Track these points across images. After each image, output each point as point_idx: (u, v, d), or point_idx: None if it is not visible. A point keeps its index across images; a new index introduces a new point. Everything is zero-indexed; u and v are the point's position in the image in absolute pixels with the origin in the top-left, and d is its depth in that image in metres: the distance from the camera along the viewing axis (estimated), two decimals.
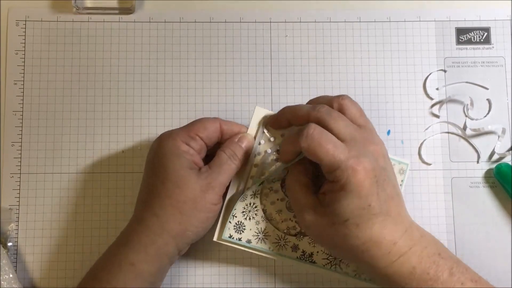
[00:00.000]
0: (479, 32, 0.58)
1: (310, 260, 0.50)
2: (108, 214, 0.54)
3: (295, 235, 0.50)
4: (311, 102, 0.49)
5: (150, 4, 0.57)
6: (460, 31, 0.58)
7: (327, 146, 0.42)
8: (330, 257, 0.50)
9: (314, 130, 0.43)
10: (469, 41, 0.58)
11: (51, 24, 0.56)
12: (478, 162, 0.55)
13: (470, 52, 0.57)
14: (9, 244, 0.52)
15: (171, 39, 0.57)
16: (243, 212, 0.50)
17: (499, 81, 0.57)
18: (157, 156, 0.47)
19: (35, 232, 0.53)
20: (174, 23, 0.57)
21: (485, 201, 0.55)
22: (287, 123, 0.48)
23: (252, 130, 0.50)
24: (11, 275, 0.50)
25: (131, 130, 0.55)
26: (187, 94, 0.56)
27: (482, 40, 0.58)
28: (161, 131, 0.55)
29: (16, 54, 0.56)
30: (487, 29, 0.58)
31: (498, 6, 0.58)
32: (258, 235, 0.50)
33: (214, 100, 0.56)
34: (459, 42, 0.58)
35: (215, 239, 0.49)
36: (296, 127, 0.47)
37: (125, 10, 0.57)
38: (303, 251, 0.50)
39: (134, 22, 0.57)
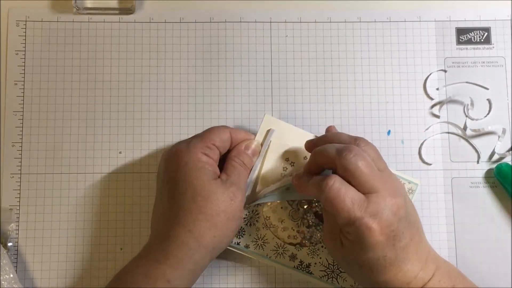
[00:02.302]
0: (479, 32, 0.58)
1: (307, 270, 0.50)
2: (108, 214, 0.54)
3: (295, 245, 0.50)
4: (326, 137, 0.48)
5: (150, 4, 0.57)
6: (460, 31, 0.58)
7: (345, 201, 0.42)
8: (328, 270, 0.50)
9: (334, 183, 0.42)
10: (469, 41, 0.58)
11: (51, 24, 0.56)
12: (478, 162, 0.55)
13: (471, 52, 0.57)
14: (9, 244, 0.52)
15: (171, 39, 0.57)
16: (244, 218, 0.50)
17: (500, 81, 0.57)
18: (179, 170, 0.46)
19: (35, 232, 0.53)
20: (174, 23, 0.57)
21: (486, 201, 0.55)
22: (318, 166, 0.46)
23: (260, 137, 0.50)
24: (11, 275, 0.50)
25: (131, 130, 0.55)
26: (187, 94, 0.56)
27: (482, 40, 0.58)
28: (161, 131, 0.55)
29: (16, 54, 0.56)
30: (487, 29, 0.58)
31: (498, 6, 0.58)
32: (257, 241, 0.50)
33: (214, 100, 0.56)
34: (459, 42, 0.58)
35: None
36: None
37: (125, 10, 0.57)
38: (300, 261, 0.50)
39: (134, 22, 0.57)
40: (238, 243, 0.49)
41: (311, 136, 0.50)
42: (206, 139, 0.47)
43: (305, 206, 0.51)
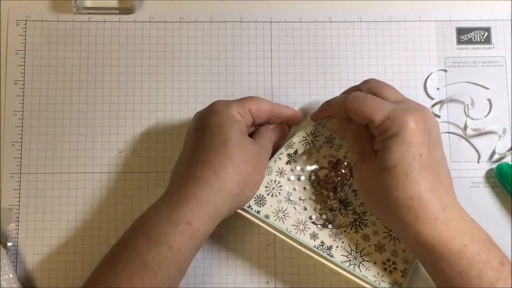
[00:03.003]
0: (479, 32, 0.58)
1: (328, 253, 0.47)
2: (108, 214, 0.54)
3: (317, 224, 0.49)
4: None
5: (150, 4, 0.57)
6: (461, 31, 0.58)
7: (374, 102, 0.43)
8: (350, 256, 0.48)
9: (359, 93, 0.44)
10: (470, 41, 0.58)
11: (51, 24, 0.56)
12: (478, 162, 0.55)
13: (471, 52, 0.57)
14: (9, 244, 0.52)
15: (171, 39, 0.57)
16: (266, 187, 0.49)
17: (500, 81, 0.57)
18: (213, 118, 0.47)
19: (35, 232, 0.53)
20: (174, 23, 0.57)
21: (486, 201, 0.54)
22: (328, 113, 0.49)
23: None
24: (11, 275, 0.50)
25: (131, 130, 0.55)
26: (187, 94, 0.56)
27: (482, 40, 0.58)
28: (161, 130, 0.55)
29: (16, 54, 0.56)
30: (487, 29, 0.58)
31: (498, 6, 0.58)
32: (278, 214, 0.48)
33: (215, 100, 0.56)
34: (459, 42, 0.57)
35: None
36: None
37: (125, 10, 0.57)
38: (322, 242, 0.48)
39: (134, 22, 0.57)
40: (258, 212, 0.48)
41: None
42: (244, 103, 0.48)
43: (330, 192, 0.51)
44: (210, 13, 0.57)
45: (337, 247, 0.48)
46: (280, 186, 0.49)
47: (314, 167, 0.51)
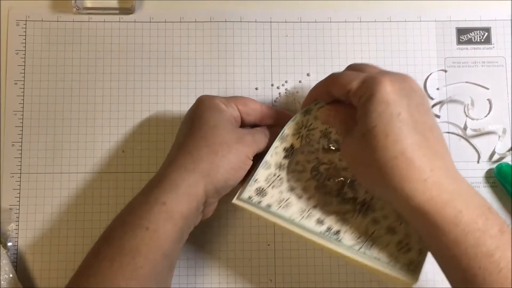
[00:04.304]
0: (479, 32, 0.58)
1: (336, 238, 0.44)
2: (108, 214, 0.54)
3: (322, 210, 0.46)
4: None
5: (150, 4, 0.57)
6: (461, 31, 0.58)
7: (351, 73, 0.43)
8: (360, 239, 0.44)
9: (335, 72, 0.45)
10: (470, 41, 0.58)
11: (51, 24, 0.56)
12: (478, 162, 0.55)
13: (471, 52, 0.57)
14: (9, 244, 0.52)
15: (171, 39, 0.57)
16: (266, 180, 0.47)
17: (500, 81, 0.57)
18: (197, 110, 0.48)
19: (35, 232, 0.53)
20: (174, 23, 0.57)
21: None
22: (313, 97, 0.49)
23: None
24: (11, 275, 0.50)
25: (131, 130, 0.55)
26: (187, 94, 0.56)
27: (482, 40, 0.58)
28: (161, 130, 0.55)
29: (17, 54, 0.56)
30: (487, 29, 0.58)
31: (498, 6, 0.58)
32: (280, 203, 0.46)
33: None
34: (459, 42, 0.58)
35: (234, 200, 0.47)
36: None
37: (125, 10, 0.57)
38: (328, 227, 0.44)
39: (134, 22, 0.57)
40: (259, 202, 0.46)
41: None
42: (230, 99, 0.49)
43: (333, 184, 0.48)
44: (210, 13, 0.57)
45: (346, 231, 0.44)
46: (281, 179, 0.48)
47: (315, 162, 0.50)
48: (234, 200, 0.47)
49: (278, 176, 0.48)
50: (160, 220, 0.43)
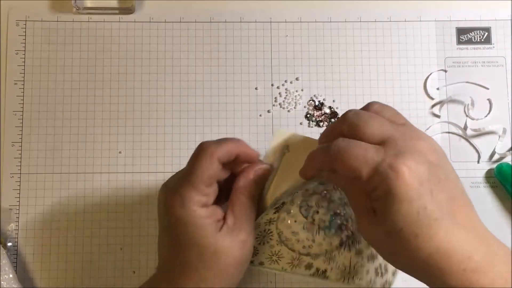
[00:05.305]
0: (479, 32, 0.58)
1: (323, 276, 0.47)
2: (108, 214, 0.54)
3: (310, 255, 0.48)
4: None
5: (150, 4, 0.57)
6: (461, 31, 0.58)
7: (357, 152, 0.36)
8: (344, 272, 0.47)
9: (341, 141, 0.38)
10: (470, 41, 0.58)
11: (51, 24, 0.56)
12: (478, 162, 0.55)
13: (471, 52, 0.57)
14: (9, 244, 0.52)
15: (171, 39, 0.57)
16: (257, 238, 0.47)
17: (500, 81, 0.57)
18: (179, 227, 0.41)
19: (35, 232, 0.53)
20: (174, 23, 0.57)
21: (486, 201, 0.55)
22: (315, 168, 0.42)
23: (270, 154, 0.47)
24: (11, 275, 0.50)
25: (131, 130, 0.55)
26: (187, 94, 0.56)
27: (482, 40, 0.58)
28: (161, 130, 0.55)
29: (16, 54, 0.56)
30: (487, 29, 0.58)
31: (498, 6, 0.58)
32: (271, 257, 0.47)
33: (214, 100, 0.56)
34: (459, 42, 0.58)
35: None
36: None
37: (125, 10, 0.57)
38: (316, 269, 0.47)
39: (134, 22, 0.57)
40: (252, 262, 0.47)
41: None
42: (198, 183, 0.41)
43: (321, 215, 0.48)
44: (210, 13, 0.57)
45: (332, 268, 0.47)
46: (271, 233, 0.47)
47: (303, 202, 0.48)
48: None
49: (269, 231, 0.47)
50: None
